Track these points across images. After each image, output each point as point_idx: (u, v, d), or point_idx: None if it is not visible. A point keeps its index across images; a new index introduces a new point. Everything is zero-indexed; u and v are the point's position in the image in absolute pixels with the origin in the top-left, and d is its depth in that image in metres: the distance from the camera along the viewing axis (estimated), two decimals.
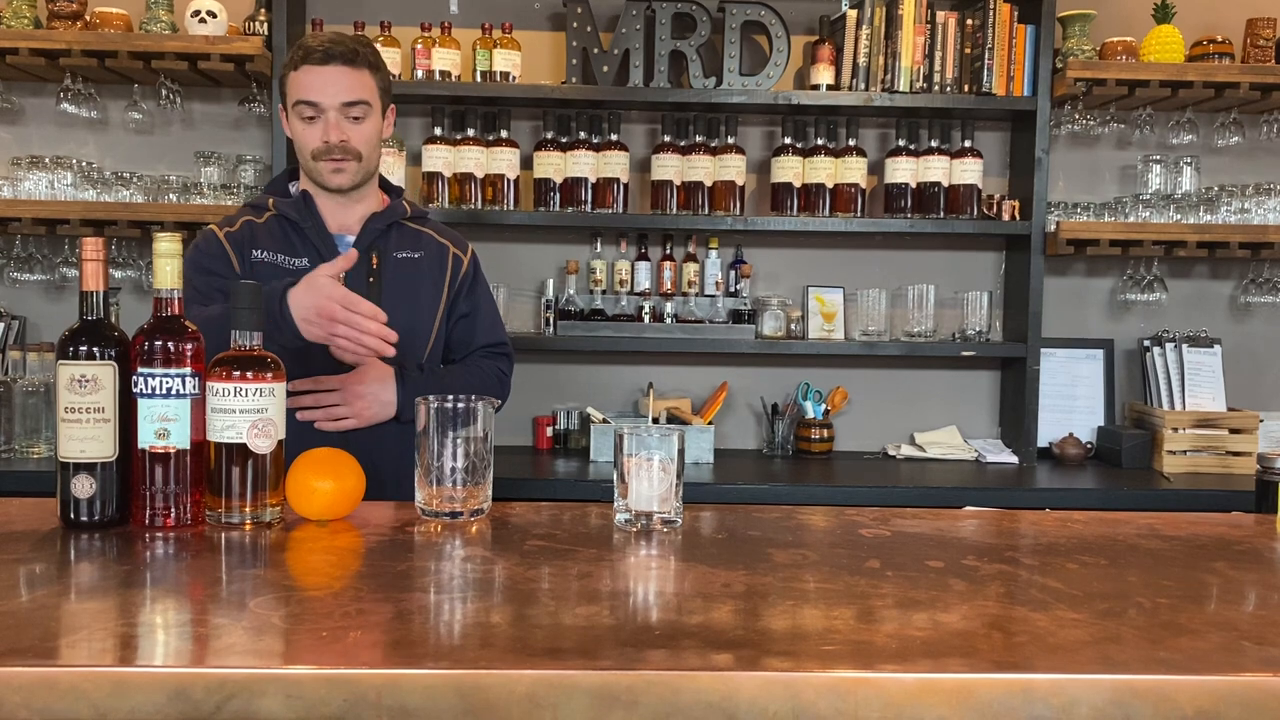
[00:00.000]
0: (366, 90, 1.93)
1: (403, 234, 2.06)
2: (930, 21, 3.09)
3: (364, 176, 1.98)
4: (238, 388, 1.33)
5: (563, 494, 2.74)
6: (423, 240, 2.08)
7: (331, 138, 1.91)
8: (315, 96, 1.90)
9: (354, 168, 1.95)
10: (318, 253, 1.97)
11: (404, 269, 2.03)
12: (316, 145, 1.92)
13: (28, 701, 0.84)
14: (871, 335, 3.22)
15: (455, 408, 1.42)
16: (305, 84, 1.91)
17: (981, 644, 0.96)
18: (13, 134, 3.21)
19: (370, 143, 1.96)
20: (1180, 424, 3.06)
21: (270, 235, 1.99)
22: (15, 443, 2.80)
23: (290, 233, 1.99)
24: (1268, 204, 3.09)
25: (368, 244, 1.98)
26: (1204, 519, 1.54)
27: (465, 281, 2.11)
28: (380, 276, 1.99)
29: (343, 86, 1.91)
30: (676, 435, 1.41)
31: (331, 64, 1.90)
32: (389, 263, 2.01)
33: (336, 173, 1.94)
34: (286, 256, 1.97)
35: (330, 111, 1.91)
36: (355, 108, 1.92)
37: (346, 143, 1.92)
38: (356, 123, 1.93)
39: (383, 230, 2.02)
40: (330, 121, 1.91)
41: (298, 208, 1.99)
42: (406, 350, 1.96)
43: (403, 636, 0.95)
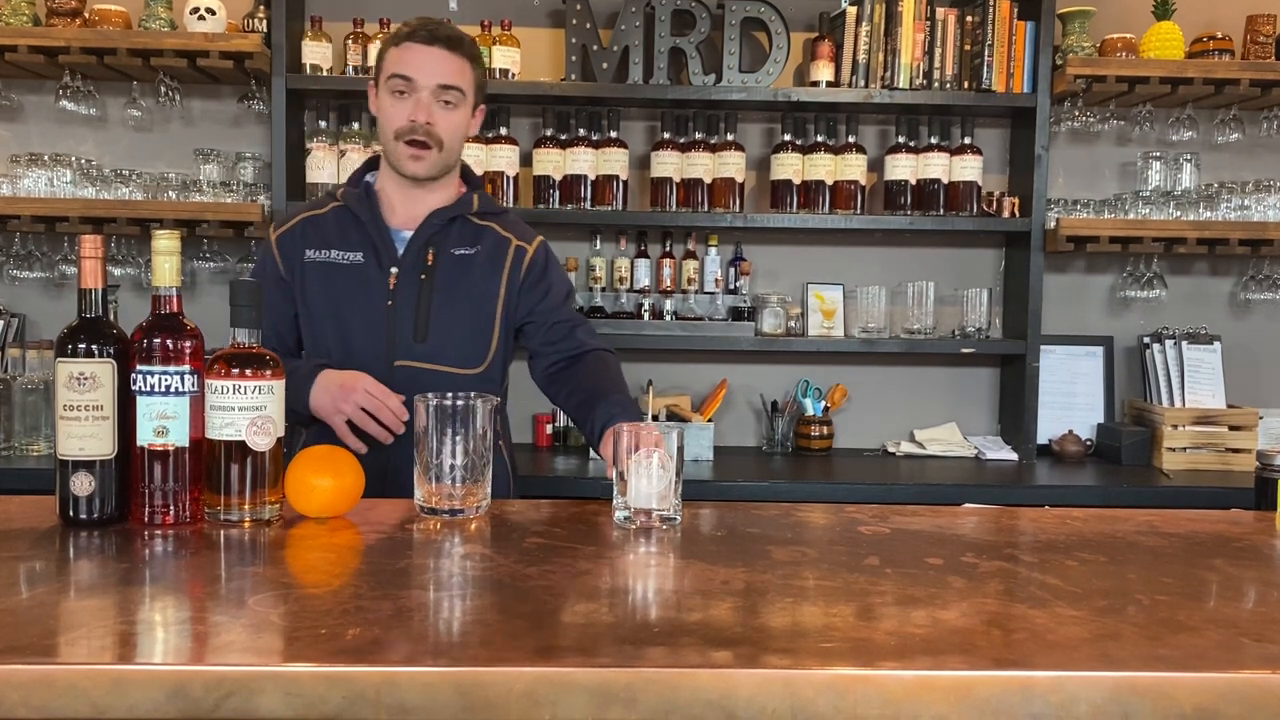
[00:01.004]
0: (463, 78, 1.90)
1: (465, 230, 1.98)
2: (930, 18, 3.08)
3: (442, 169, 1.94)
4: (237, 385, 1.33)
5: (562, 491, 2.74)
6: (484, 235, 2.00)
7: (419, 117, 1.87)
8: (411, 72, 1.87)
9: (433, 157, 1.90)
10: (373, 247, 1.94)
11: (459, 266, 1.96)
12: (402, 123, 1.88)
13: (27, 699, 0.84)
14: (871, 332, 3.22)
15: (455, 405, 1.42)
16: (404, 59, 1.88)
17: (980, 641, 0.96)
18: (12, 131, 3.20)
19: (455, 134, 1.92)
20: (1180, 421, 3.06)
21: (328, 230, 1.97)
22: (14, 440, 2.80)
23: (350, 225, 1.96)
24: (1267, 201, 3.08)
25: (425, 240, 1.94)
26: (1203, 516, 1.54)
27: (534, 272, 2.01)
28: (433, 274, 1.94)
29: (441, 69, 1.88)
30: (675, 432, 1.41)
31: (435, 45, 1.87)
32: (444, 260, 1.95)
33: (414, 160, 1.90)
34: (341, 251, 1.95)
35: (424, 91, 1.87)
36: (449, 92, 1.88)
37: (432, 126, 1.88)
38: (447, 108, 1.89)
39: (442, 226, 1.96)
40: (421, 101, 1.87)
41: (360, 201, 1.96)
42: (462, 352, 1.95)
43: (402, 634, 0.95)
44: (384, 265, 1.93)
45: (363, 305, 1.93)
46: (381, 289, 1.93)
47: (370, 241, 1.94)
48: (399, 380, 1.87)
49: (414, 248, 1.94)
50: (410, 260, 1.94)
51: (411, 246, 1.94)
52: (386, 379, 1.86)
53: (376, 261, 1.94)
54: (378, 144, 3.04)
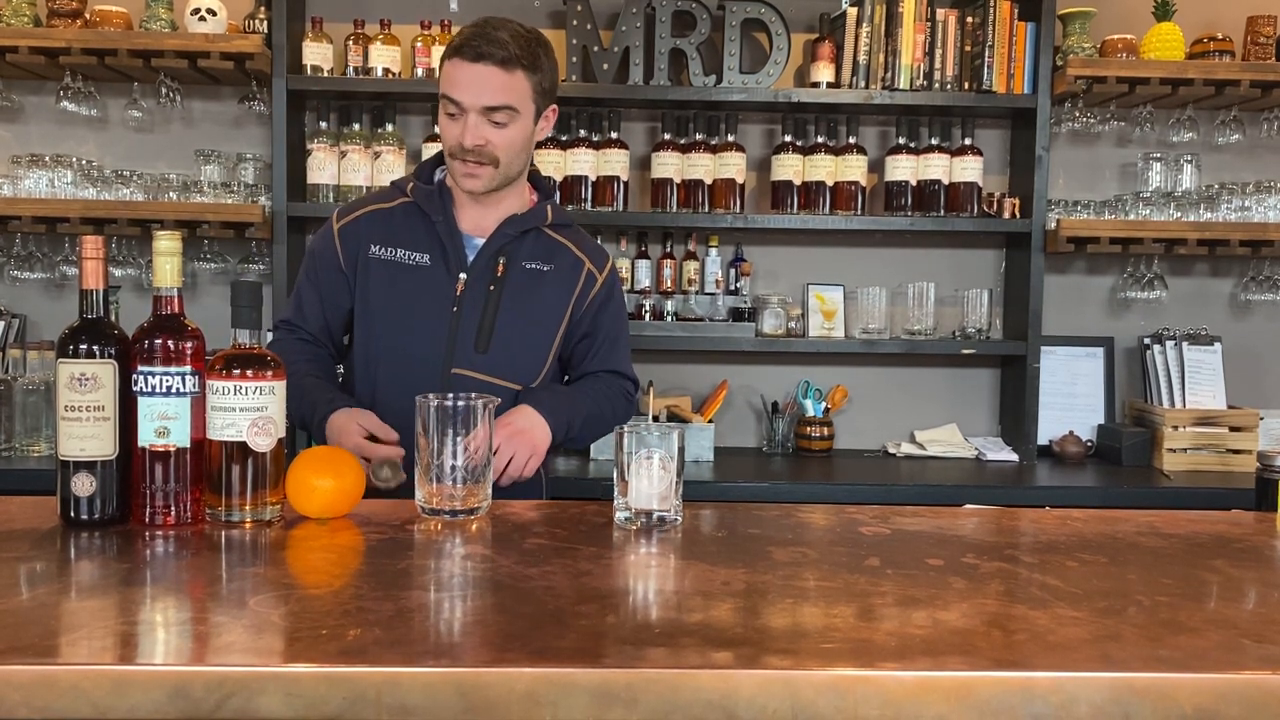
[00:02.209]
0: (515, 94, 1.80)
1: (538, 242, 1.93)
2: (930, 19, 3.09)
3: (502, 182, 1.87)
4: (238, 386, 1.33)
5: (562, 492, 2.73)
6: (558, 252, 1.95)
7: (468, 141, 1.80)
8: (458, 94, 1.79)
9: (489, 174, 1.83)
10: (442, 250, 1.89)
11: (529, 280, 1.91)
12: (453, 144, 1.82)
13: (28, 700, 0.84)
14: (872, 333, 3.22)
15: (455, 406, 1.42)
16: (452, 78, 1.80)
17: (981, 642, 0.96)
18: (12, 132, 3.20)
19: (513, 149, 1.83)
20: (1180, 422, 3.06)
21: (395, 225, 1.91)
22: (15, 441, 2.80)
23: (419, 224, 1.90)
24: (1268, 201, 3.09)
25: (497, 249, 1.89)
26: (1204, 517, 1.54)
27: (595, 302, 1.97)
28: (502, 285, 1.89)
29: (488, 89, 1.78)
30: (676, 433, 1.41)
31: (482, 63, 1.77)
32: (515, 272, 1.90)
33: (469, 177, 1.83)
34: (408, 251, 1.89)
35: (471, 113, 1.79)
36: (499, 113, 1.79)
37: (483, 147, 1.81)
38: (498, 127, 1.80)
39: (515, 236, 1.91)
40: (469, 124, 1.79)
41: (431, 200, 1.90)
42: (519, 366, 1.90)
43: (402, 635, 0.95)
44: (452, 270, 1.88)
45: (426, 309, 1.87)
46: (448, 294, 1.88)
47: (440, 244, 1.89)
48: (453, 388, 1.82)
49: (485, 255, 1.89)
50: (480, 268, 1.88)
51: (483, 254, 1.89)
52: (440, 385, 1.83)
53: (445, 265, 1.88)
54: (379, 145, 3.06)
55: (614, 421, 2.00)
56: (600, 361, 2.02)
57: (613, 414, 2.00)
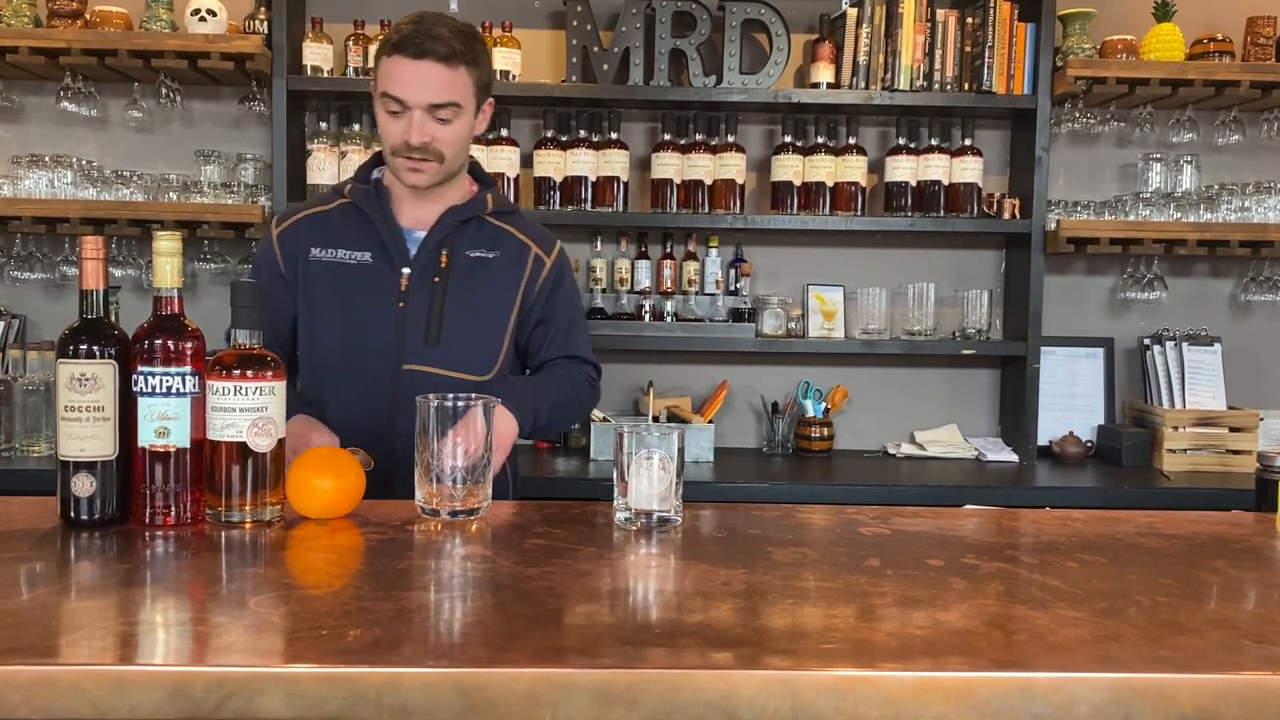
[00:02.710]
0: (459, 91, 1.79)
1: (481, 231, 1.92)
2: (930, 20, 3.09)
3: (445, 176, 1.86)
4: (238, 386, 1.33)
5: (563, 492, 2.74)
6: (502, 239, 1.93)
7: (414, 139, 1.78)
8: (401, 93, 1.77)
9: (434, 169, 1.83)
10: (384, 247, 1.88)
11: (475, 269, 1.90)
12: (397, 142, 1.80)
13: (28, 700, 0.84)
14: (872, 334, 3.22)
15: (455, 406, 1.42)
16: (394, 77, 1.77)
17: (981, 642, 0.96)
18: (13, 132, 3.21)
19: (457, 144, 1.83)
20: (1180, 422, 3.06)
21: (334, 227, 1.90)
22: (15, 441, 2.80)
23: (358, 224, 1.90)
24: (1268, 202, 3.09)
25: (439, 240, 1.88)
26: (1204, 517, 1.54)
27: (546, 286, 1.96)
28: (447, 276, 1.88)
29: (433, 87, 1.77)
30: (676, 434, 1.40)
31: (425, 60, 1.76)
32: (459, 262, 1.89)
33: (414, 173, 1.82)
34: (349, 251, 1.88)
35: (416, 111, 1.78)
36: (444, 109, 1.79)
37: (429, 144, 1.80)
38: (443, 124, 1.80)
39: (457, 226, 1.90)
40: (415, 121, 1.78)
41: (369, 199, 1.89)
42: (472, 357, 1.89)
43: (403, 635, 0.95)
44: (395, 266, 1.87)
45: (371, 307, 1.87)
46: (392, 290, 1.87)
47: (380, 241, 1.88)
48: (406, 384, 1.83)
49: (427, 248, 1.88)
50: (423, 261, 1.88)
51: (425, 247, 1.88)
52: (393, 383, 1.83)
53: (387, 262, 1.88)
54: (378, 144, 3.05)
55: (580, 409, 2.01)
56: (559, 347, 1.99)
57: (579, 401, 1.99)
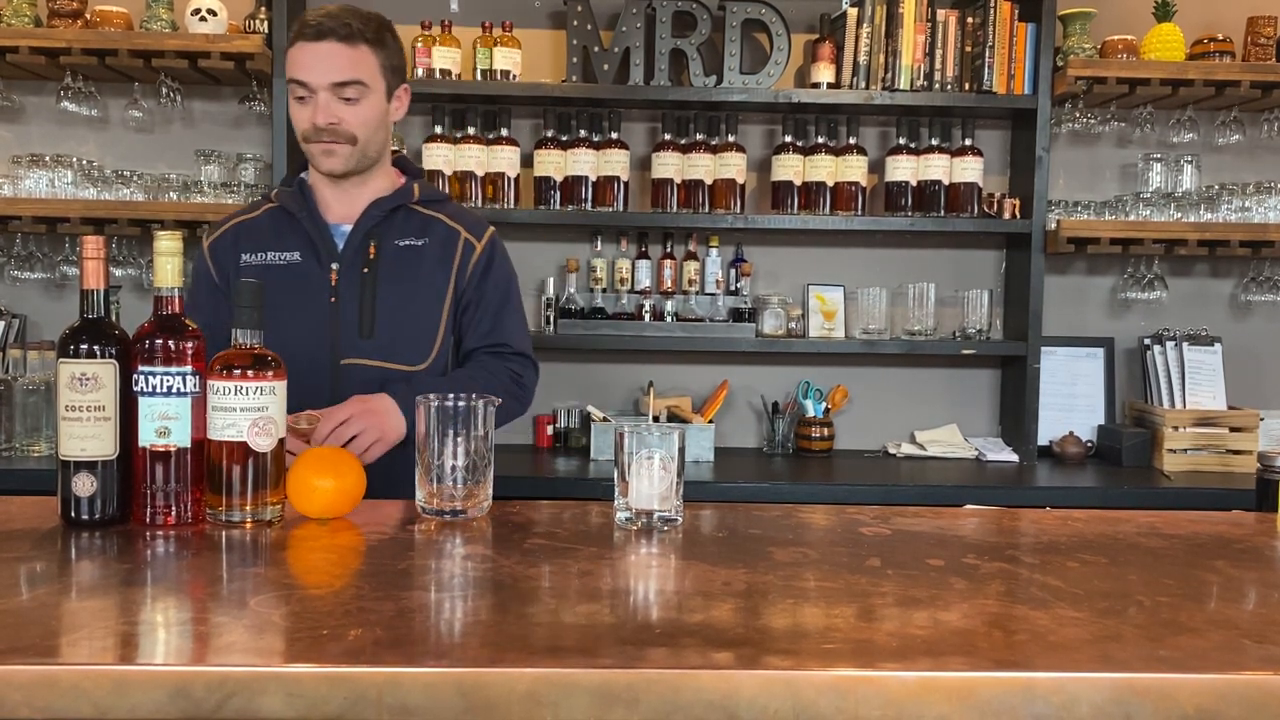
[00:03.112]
0: (363, 69, 1.82)
1: (409, 220, 1.93)
2: (931, 20, 3.09)
3: (361, 161, 1.87)
4: (238, 386, 1.33)
5: (563, 492, 2.74)
6: (431, 226, 1.94)
7: (320, 120, 1.81)
8: (305, 75, 1.80)
9: (347, 151, 1.84)
10: (312, 244, 1.89)
11: (404, 258, 1.90)
12: (306, 127, 1.83)
13: (29, 700, 0.84)
14: (872, 334, 3.22)
15: (456, 406, 1.42)
16: (298, 61, 1.81)
17: (982, 642, 0.96)
18: (13, 132, 3.21)
19: (368, 125, 1.84)
20: (1180, 422, 3.06)
21: (263, 231, 1.92)
22: (16, 441, 2.80)
23: (286, 225, 1.91)
24: (1268, 202, 3.09)
25: (365, 232, 1.89)
26: (1204, 518, 1.54)
27: (477, 270, 1.95)
28: (376, 267, 1.89)
29: (334, 65, 1.80)
30: (677, 434, 1.40)
31: (325, 40, 1.79)
32: (388, 252, 1.90)
33: (327, 155, 1.84)
34: (278, 252, 1.89)
35: (321, 92, 1.80)
36: (348, 88, 1.81)
37: (337, 125, 1.81)
38: (350, 104, 1.81)
39: (384, 216, 1.91)
40: (320, 102, 1.80)
41: (294, 198, 1.91)
42: (409, 347, 1.89)
43: (403, 635, 0.95)
44: (324, 262, 1.88)
45: (304, 305, 1.86)
46: (323, 287, 1.87)
47: (308, 239, 1.89)
48: (346, 379, 1.83)
49: (354, 241, 1.89)
50: (351, 254, 1.88)
51: (352, 240, 1.89)
52: (332, 378, 1.83)
53: (316, 259, 1.88)
54: None
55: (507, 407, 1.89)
56: (483, 335, 1.96)
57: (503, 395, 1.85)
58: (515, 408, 1.96)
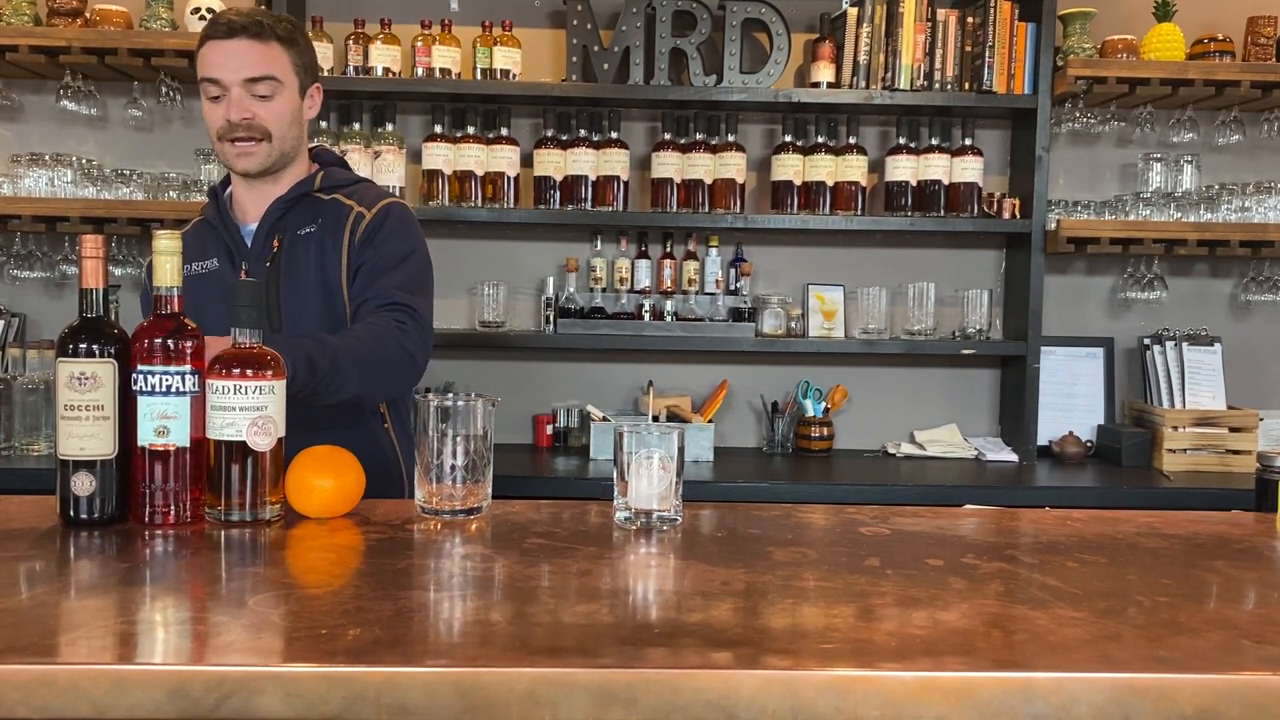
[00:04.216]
0: (275, 65, 1.81)
1: (311, 208, 1.90)
2: (931, 19, 3.09)
3: (278, 159, 1.86)
4: (237, 385, 1.33)
5: (562, 492, 2.74)
6: (326, 208, 1.90)
7: (233, 115, 1.79)
8: (216, 73, 1.79)
9: (264, 150, 1.83)
10: (227, 250, 1.90)
11: (302, 245, 1.88)
12: (220, 125, 1.81)
13: (27, 699, 0.84)
14: (872, 333, 3.22)
15: (455, 406, 1.42)
16: (209, 60, 1.80)
17: (981, 642, 0.96)
18: (13, 131, 3.20)
19: (282, 121, 1.83)
20: (1180, 422, 3.06)
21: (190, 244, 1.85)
22: (15, 440, 2.80)
23: (208, 234, 1.92)
24: (1268, 202, 3.09)
25: (269, 228, 1.88)
26: (1204, 518, 1.54)
27: (365, 235, 1.88)
28: (278, 260, 1.87)
29: (246, 61, 1.79)
30: (676, 433, 1.40)
31: (236, 38, 1.79)
32: (289, 243, 1.88)
33: (243, 156, 1.83)
34: (199, 262, 1.89)
35: (234, 88, 1.79)
36: (261, 84, 1.80)
37: (251, 120, 1.80)
38: (264, 100, 1.81)
39: (286, 209, 1.89)
40: (234, 98, 1.79)
41: (211, 206, 1.93)
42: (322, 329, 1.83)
43: (402, 634, 0.95)
44: (236, 264, 1.89)
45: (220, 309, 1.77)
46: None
47: (224, 245, 1.90)
48: None
49: (259, 238, 1.89)
50: (256, 252, 1.88)
51: (257, 238, 1.89)
52: None
53: (230, 262, 1.89)
54: (379, 144, 3.06)
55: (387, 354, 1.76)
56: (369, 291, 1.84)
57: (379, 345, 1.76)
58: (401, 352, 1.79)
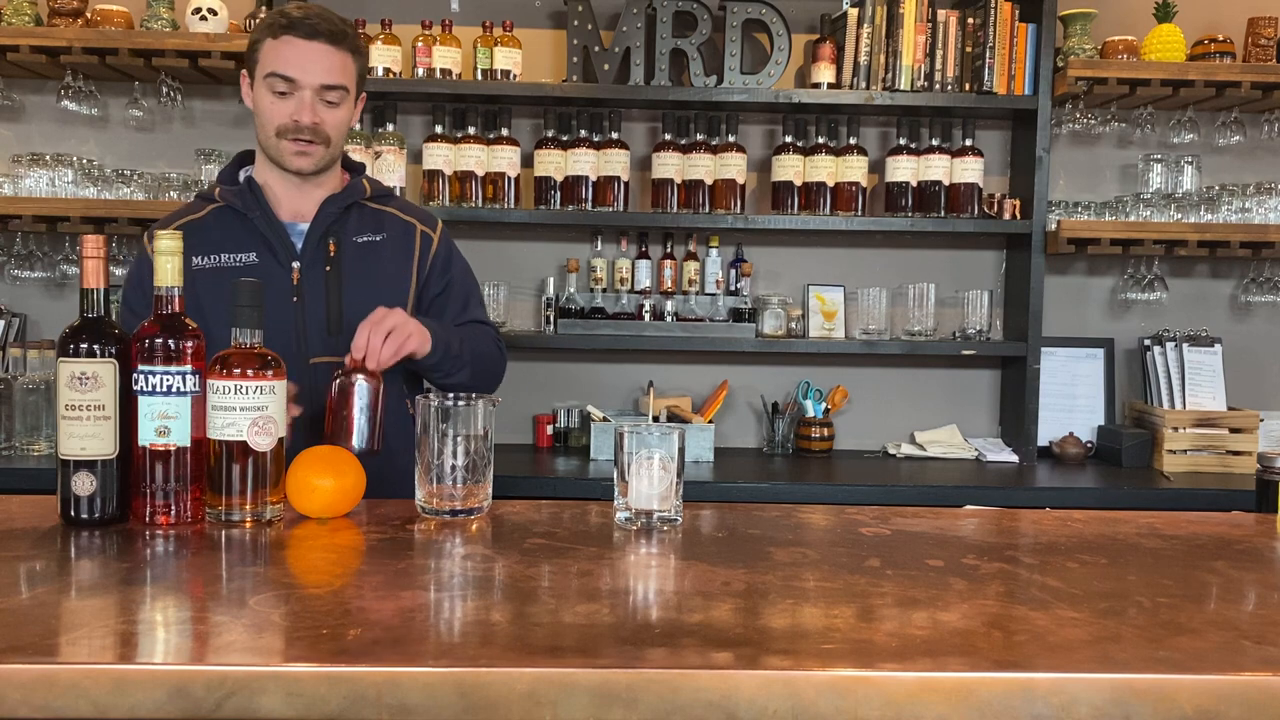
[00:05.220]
0: (347, 75, 1.83)
1: (363, 216, 1.93)
2: (931, 20, 3.09)
3: (329, 162, 1.88)
4: (238, 385, 1.33)
5: (563, 492, 2.74)
6: (386, 221, 1.95)
7: (304, 119, 1.80)
8: (293, 73, 1.79)
9: (320, 153, 1.84)
10: (267, 244, 1.86)
11: (365, 254, 1.90)
12: (284, 122, 1.81)
13: (28, 698, 0.84)
14: (872, 334, 3.22)
15: (456, 405, 1.42)
16: (284, 57, 1.79)
17: (981, 643, 0.96)
18: (14, 131, 3.21)
19: (341, 129, 1.86)
20: (1180, 423, 3.06)
21: (211, 232, 1.87)
22: (15, 440, 2.80)
23: (237, 225, 1.87)
24: (1268, 203, 3.09)
25: (324, 230, 1.88)
26: (1204, 518, 1.54)
27: (439, 260, 1.98)
28: (339, 264, 1.88)
29: (324, 67, 1.80)
30: (677, 434, 1.40)
31: (317, 40, 1.79)
32: (348, 249, 1.89)
33: (300, 155, 1.83)
34: (232, 254, 1.86)
35: (307, 91, 1.80)
36: (333, 92, 1.82)
37: (319, 126, 1.81)
38: (331, 107, 1.82)
39: (339, 214, 1.90)
40: (305, 101, 1.80)
41: (243, 196, 1.87)
42: None
43: (403, 634, 0.95)
44: (283, 261, 1.86)
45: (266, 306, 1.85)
46: (284, 286, 1.84)
47: (263, 239, 1.86)
48: (316, 376, 1.80)
49: (313, 239, 1.87)
50: (311, 253, 1.87)
51: (310, 238, 1.87)
52: (301, 376, 1.79)
53: (274, 259, 1.86)
54: (379, 144, 3.06)
55: (493, 363, 2.01)
56: (458, 315, 2.00)
57: (489, 353, 1.99)
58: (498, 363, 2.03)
